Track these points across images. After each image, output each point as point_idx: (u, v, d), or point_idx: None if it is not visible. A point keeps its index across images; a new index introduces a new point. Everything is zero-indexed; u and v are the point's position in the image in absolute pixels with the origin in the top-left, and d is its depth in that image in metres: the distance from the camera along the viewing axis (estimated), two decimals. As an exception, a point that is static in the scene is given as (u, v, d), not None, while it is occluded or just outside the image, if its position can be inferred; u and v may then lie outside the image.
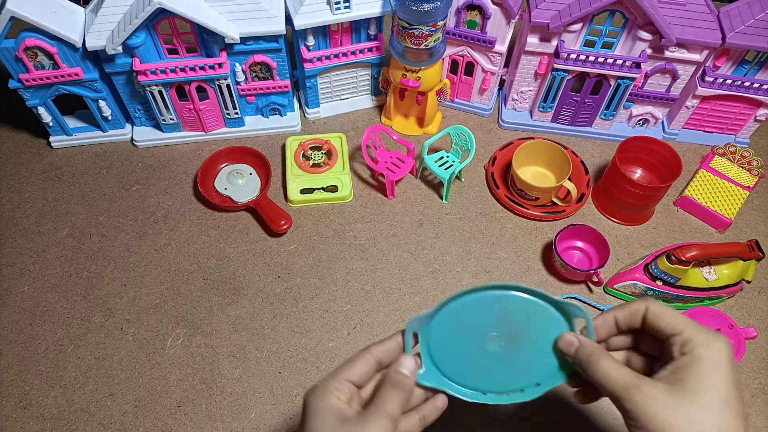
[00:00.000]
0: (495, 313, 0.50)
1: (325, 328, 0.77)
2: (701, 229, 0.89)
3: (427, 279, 0.82)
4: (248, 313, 0.78)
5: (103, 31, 0.79)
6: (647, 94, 0.92)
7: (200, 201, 0.89)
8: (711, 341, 0.43)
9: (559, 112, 0.97)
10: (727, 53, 0.86)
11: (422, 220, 0.88)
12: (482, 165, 0.95)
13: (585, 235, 0.83)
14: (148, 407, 0.71)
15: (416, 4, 0.77)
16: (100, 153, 0.95)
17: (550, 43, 0.87)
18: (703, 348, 0.43)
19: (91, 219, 0.87)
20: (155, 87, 0.85)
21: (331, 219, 0.88)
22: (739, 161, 0.92)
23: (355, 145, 0.95)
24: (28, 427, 0.69)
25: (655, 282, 0.77)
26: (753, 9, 0.82)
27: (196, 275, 0.81)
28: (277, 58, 0.87)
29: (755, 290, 0.82)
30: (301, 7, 0.82)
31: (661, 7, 0.81)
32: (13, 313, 0.78)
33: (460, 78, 0.98)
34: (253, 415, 0.70)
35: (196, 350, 0.75)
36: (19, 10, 0.73)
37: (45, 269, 0.82)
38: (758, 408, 0.72)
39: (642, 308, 0.47)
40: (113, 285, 0.80)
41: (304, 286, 0.81)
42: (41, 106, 0.87)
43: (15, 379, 0.73)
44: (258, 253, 0.84)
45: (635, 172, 0.92)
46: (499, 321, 0.50)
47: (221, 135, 0.97)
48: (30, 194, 0.90)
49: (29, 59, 0.80)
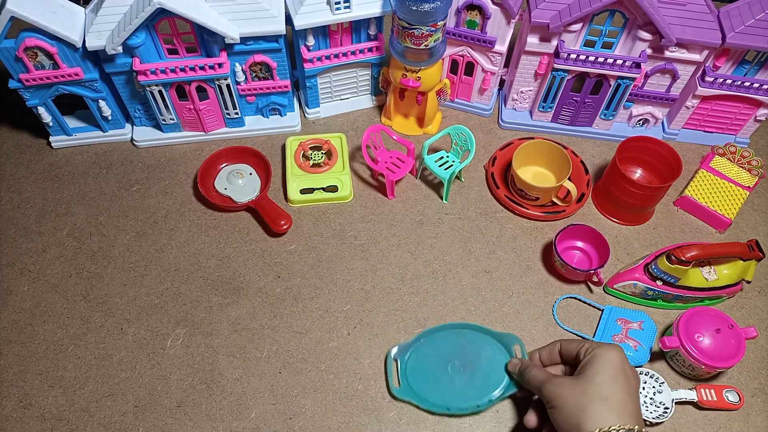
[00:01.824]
0: (456, 346, 0.72)
1: (325, 328, 0.77)
2: (701, 229, 0.89)
3: (427, 279, 0.82)
4: (248, 313, 0.78)
5: (103, 31, 0.79)
6: (647, 94, 0.92)
7: (200, 201, 0.89)
8: (605, 347, 0.61)
9: (559, 112, 0.97)
10: (727, 53, 0.86)
11: (422, 220, 0.88)
12: (482, 165, 0.95)
13: (585, 235, 0.83)
14: (148, 407, 0.71)
15: (416, 4, 0.77)
16: (100, 153, 0.95)
17: (550, 43, 0.87)
18: (599, 350, 0.61)
19: (91, 219, 0.87)
20: (155, 87, 0.85)
21: (331, 219, 0.88)
22: (739, 161, 0.92)
23: (355, 145, 0.95)
24: (28, 427, 0.69)
25: (655, 282, 0.77)
26: (753, 9, 0.82)
27: (196, 275, 0.81)
28: (277, 58, 0.87)
29: (755, 290, 0.82)
30: (301, 7, 0.82)
31: (661, 7, 0.81)
32: (13, 313, 0.78)
33: (460, 78, 0.98)
34: (253, 415, 0.70)
35: (196, 350, 0.75)
36: (19, 10, 0.73)
37: (45, 269, 0.82)
38: (758, 408, 0.72)
39: (557, 346, 0.67)
40: (113, 285, 0.80)
41: (304, 286, 0.81)
42: (41, 106, 0.87)
43: (15, 379, 0.73)
44: (258, 253, 0.84)
45: (635, 172, 0.92)
46: (459, 352, 0.72)
47: (221, 135, 0.97)
48: (30, 194, 0.90)
49: (29, 59, 0.80)
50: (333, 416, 0.70)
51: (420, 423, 0.70)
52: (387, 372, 0.72)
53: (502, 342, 0.72)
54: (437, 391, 0.70)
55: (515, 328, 0.77)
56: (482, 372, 0.70)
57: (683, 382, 0.74)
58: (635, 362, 0.73)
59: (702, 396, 0.70)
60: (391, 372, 0.72)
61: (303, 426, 0.70)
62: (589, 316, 0.79)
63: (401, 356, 0.73)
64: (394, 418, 0.70)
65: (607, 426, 0.55)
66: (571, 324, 0.78)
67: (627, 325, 0.76)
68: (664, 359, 0.76)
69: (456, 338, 0.73)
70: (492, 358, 0.71)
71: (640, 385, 0.65)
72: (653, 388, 0.71)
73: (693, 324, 0.71)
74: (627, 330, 0.76)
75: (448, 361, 0.71)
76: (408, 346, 0.73)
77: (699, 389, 0.71)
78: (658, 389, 0.71)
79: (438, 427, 0.70)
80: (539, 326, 0.78)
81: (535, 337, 0.77)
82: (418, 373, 0.71)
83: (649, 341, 0.75)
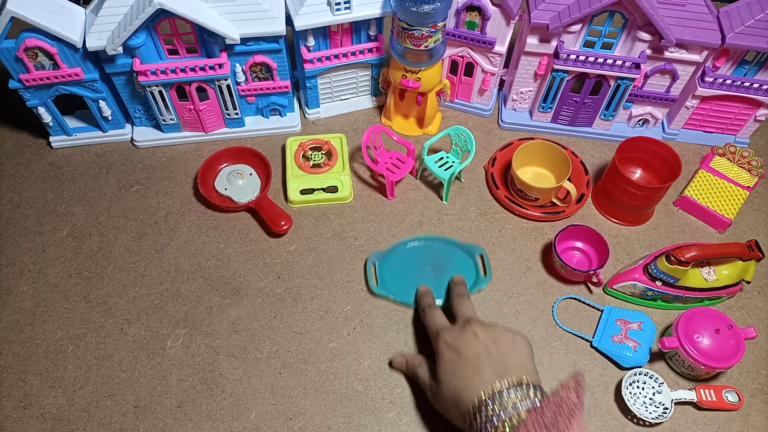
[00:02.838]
0: (428, 254, 0.83)
1: (325, 329, 0.77)
2: (701, 230, 0.89)
3: (427, 279, 0.82)
4: (248, 314, 0.78)
5: (103, 32, 0.79)
6: (647, 94, 0.92)
7: (200, 201, 0.89)
8: (438, 351, 0.67)
9: (558, 113, 0.97)
10: (727, 53, 0.86)
11: (422, 221, 0.88)
12: (482, 165, 0.95)
13: (584, 235, 0.83)
14: (148, 407, 0.71)
15: (416, 5, 0.77)
16: (100, 153, 0.95)
17: (549, 43, 0.87)
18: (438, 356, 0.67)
19: (91, 219, 0.87)
20: (155, 87, 0.85)
21: (331, 219, 0.88)
22: (739, 161, 0.92)
23: (355, 146, 0.95)
24: (28, 427, 0.69)
25: (655, 282, 0.77)
26: (753, 9, 0.82)
27: (197, 275, 0.82)
28: (277, 59, 0.87)
29: (755, 290, 0.82)
30: (302, 7, 0.82)
31: (660, 8, 0.82)
32: (13, 313, 0.78)
33: (460, 78, 0.98)
34: (253, 415, 0.70)
35: (196, 350, 0.75)
36: (20, 11, 0.73)
37: (45, 269, 0.82)
38: (758, 408, 0.72)
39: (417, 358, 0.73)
40: (113, 285, 0.81)
41: (304, 287, 0.81)
42: (41, 106, 0.87)
43: (15, 379, 0.73)
44: (258, 254, 0.84)
45: (635, 172, 0.92)
46: (430, 259, 0.83)
47: (221, 135, 0.97)
48: (30, 194, 0.90)
49: (29, 59, 0.80)
50: (333, 417, 0.70)
51: (420, 423, 0.70)
52: (366, 274, 0.81)
53: (468, 252, 0.83)
54: (411, 290, 0.79)
55: (515, 328, 0.77)
56: (450, 275, 0.80)
57: (683, 382, 0.74)
58: (635, 363, 0.73)
59: (701, 396, 0.70)
60: (370, 273, 0.81)
61: (303, 426, 0.70)
62: (588, 316, 0.79)
63: (379, 261, 0.82)
64: (393, 419, 0.70)
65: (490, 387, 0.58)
66: (570, 324, 0.78)
67: (626, 325, 0.76)
68: (663, 360, 0.76)
69: (428, 248, 0.84)
70: (459, 264, 0.82)
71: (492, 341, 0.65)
72: (653, 388, 0.71)
73: (692, 324, 0.71)
74: (626, 330, 0.76)
75: (422, 266, 0.82)
76: (385, 253, 0.83)
77: (698, 389, 0.71)
78: (657, 389, 0.71)
79: (437, 428, 0.70)
80: (539, 327, 0.78)
81: (535, 337, 0.77)
82: (394, 275, 0.81)
83: (649, 342, 0.75)
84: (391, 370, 0.74)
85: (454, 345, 0.65)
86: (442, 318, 0.72)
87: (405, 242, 0.84)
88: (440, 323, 0.70)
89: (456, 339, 0.65)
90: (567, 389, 0.55)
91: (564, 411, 0.53)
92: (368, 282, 0.81)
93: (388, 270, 0.82)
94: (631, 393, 0.71)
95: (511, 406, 0.55)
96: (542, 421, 0.53)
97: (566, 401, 0.54)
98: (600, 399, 0.72)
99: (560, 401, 0.54)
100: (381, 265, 0.82)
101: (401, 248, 0.83)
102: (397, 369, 0.74)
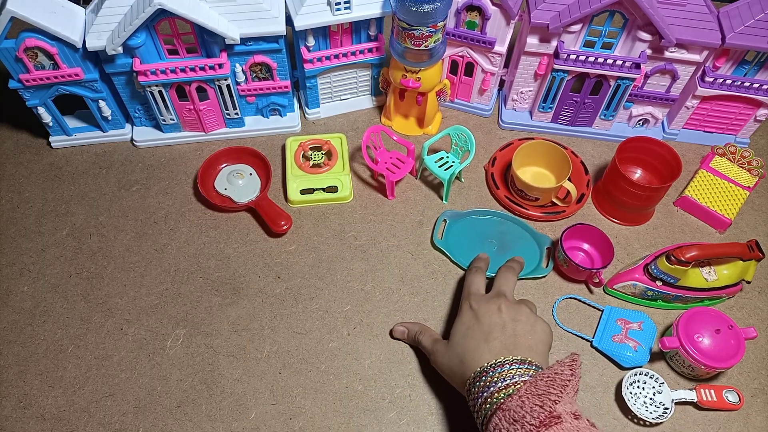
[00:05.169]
0: (498, 230, 0.86)
1: (325, 329, 0.77)
2: (701, 230, 0.89)
3: (427, 279, 0.82)
4: (248, 314, 0.78)
5: (103, 32, 0.79)
6: (647, 94, 0.92)
7: (200, 201, 0.89)
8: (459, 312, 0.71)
9: (559, 113, 0.97)
10: (727, 53, 0.86)
11: (422, 221, 0.88)
12: (482, 165, 0.95)
13: (589, 236, 0.83)
14: (148, 407, 0.71)
15: (416, 5, 0.77)
16: (100, 153, 0.95)
17: (549, 43, 0.87)
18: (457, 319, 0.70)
19: (91, 219, 0.87)
20: (155, 87, 0.85)
21: (331, 219, 0.88)
22: (739, 161, 0.92)
23: (355, 146, 0.95)
24: (28, 427, 0.69)
25: (655, 282, 0.77)
26: (753, 9, 0.82)
27: (196, 275, 0.82)
28: (277, 59, 0.87)
29: (755, 290, 0.82)
30: (302, 7, 0.82)
31: (660, 8, 0.81)
32: (13, 313, 0.78)
33: (460, 78, 0.98)
34: (253, 415, 0.70)
35: (196, 350, 0.75)
36: (19, 11, 0.73)
37: (45, 269, 0.82)
38: (758, 408, 0.72)
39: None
40: (113, 285, 0.80)
41: (304, 287, 0.81)
42: (41, 106, 0.87)
43: (15, 379, 0.73)
44: (258, 254, 0.84)
45: (635, 172, 0.92)
46: (498, 234, 0.85)
47: (221, 135, 0.97)
48: (30, 194, 0.90)
49: (29, 59, 0.80)
50: (333, 417, 0.70)
51: (420, 423, 0.70)
52: (435, 226, 0.85)
53: (537, 240, 0.84)
54: (469, 256, 0.81)
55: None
56: (512, 256, 0.80)
57: (683, 382, 0.74)
58: (635, 363, 0.73)
59: (702, 396, 0.70)
60: (438, 228, 0.85)
61: (303, 426, 0.70)
62: (588, 316, 0.79)
63: (451, 219, 0.86)
64: (394, 419, 0.70)
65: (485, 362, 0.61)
66: (570, 324, 0.78)
67: (627, 325, 0.76)
68: (663, 360, 0.76)
69: (500, 224, 0.86)
70: (524, 248, 0.84)
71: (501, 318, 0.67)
72: (653, 388, 0.71)
73: (693, 324, 0.71)
74: (627, 330, 0.76)
75: (488, 239, 0.85)
76: (460, 215, 0.86)
77: (699, 389, 0.71)
78: (657, 389, 0.71)
79: (437, 428, 0.70)
80: (539, 326, 0.78)
81: (535, 337, 0.77)
82: (459, 237, 0.84)
83: (649, 342, 0.75)
84: (391, 370, 0.74)
85: (477, 310, 0.67)
86: (481, 284, 0.74)
87: (480, 211, 0.87)
88: (476, 287, 0.72)
89: (480, 306, 0.68)
90: (562, 364, 0.58)
91: (557, 383, 0.56)
92: (433, 234, 0.84)
93: (455, 231, 0.85)
94: (631, 393, 0.71)
95: (509, 377, 0.58)
96: (534, 390, 0.55)
97: (560, 374, 0.57)
98: (600, 399, 0.72)
99: (554, 374, 0.57)
100: (450, 225, 0.85)
101: (475, 215, 0.87)
102: (398, 338, 0.76)
